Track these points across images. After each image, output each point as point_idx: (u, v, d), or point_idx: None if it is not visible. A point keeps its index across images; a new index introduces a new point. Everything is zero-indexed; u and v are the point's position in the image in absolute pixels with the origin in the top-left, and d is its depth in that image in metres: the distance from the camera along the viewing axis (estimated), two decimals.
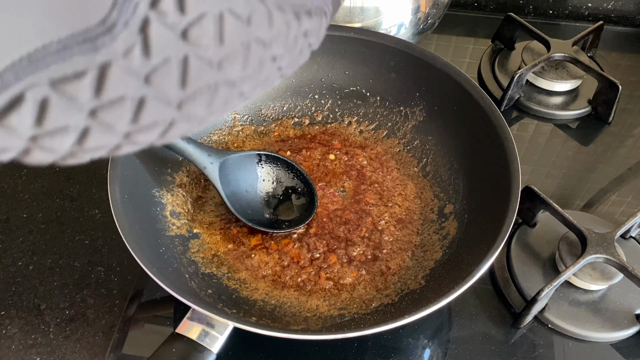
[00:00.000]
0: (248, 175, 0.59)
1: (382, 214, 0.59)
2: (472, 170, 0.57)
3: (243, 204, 0.57)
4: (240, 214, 0.56)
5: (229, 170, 0.56)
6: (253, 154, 0.59)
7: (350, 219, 0.58)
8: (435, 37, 0.82)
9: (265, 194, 0.60)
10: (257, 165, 0.59)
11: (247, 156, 0.58)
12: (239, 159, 0.57)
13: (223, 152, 0.56)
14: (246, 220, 0.55)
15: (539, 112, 0.74)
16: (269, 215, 0.59)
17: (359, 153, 0.65)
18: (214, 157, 0.54)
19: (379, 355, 0.52)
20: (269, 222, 0.58)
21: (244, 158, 0.58)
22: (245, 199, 0.58)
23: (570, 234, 0.56)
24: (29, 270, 0.58)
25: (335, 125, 0.68)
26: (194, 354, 0.42)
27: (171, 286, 0.43)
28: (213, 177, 0.54)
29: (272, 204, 0.60)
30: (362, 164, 0.63)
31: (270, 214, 0.59)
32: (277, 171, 0.60)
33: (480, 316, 0.54)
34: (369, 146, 0.66)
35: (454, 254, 0.53)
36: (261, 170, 0.59)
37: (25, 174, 0.67)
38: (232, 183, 0.56)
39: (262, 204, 0.59)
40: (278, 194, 0.60)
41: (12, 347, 0.53)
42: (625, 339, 0.53)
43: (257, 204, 0.59)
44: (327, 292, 0.54)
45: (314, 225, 0.58)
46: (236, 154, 0.57)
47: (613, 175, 0.68)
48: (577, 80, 0.74)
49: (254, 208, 0.58)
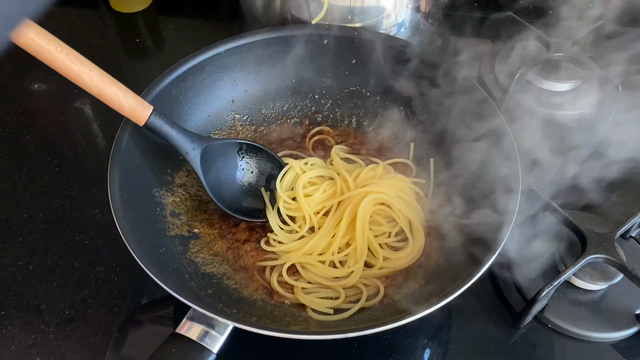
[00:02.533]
0: (229, 163, 0.59)
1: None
2: (472, 170, 0.57)
3: (223, 191, 0.58)
4: (220, 201, 0.56)
5: (211, 157, 0.56)
6: (234, 143, 0.60)
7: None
8: (435, 37, 0.82)
9: (245, 182, 0.60)
10: (237, 154, 0.60)
11: (229, 144, 0.59)
12: (220, 147, 0.58)
13: (206, 138, 0.56)
14: (225, 208, 0.56)
15: (539, 112, 0.74)
16: (248, 204, 0.59)
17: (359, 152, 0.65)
18: (197, 143, 0.55)
19: (379, 355, 0.51)
20: (247, 211, 0.58)
21: (226, 146, 0.59)
22: (226, 187, 0.59)
23: (570, 234, 0.56)
24: (29, 270, 0.58)
25: (335, 125, 0.68)
26: (194, 354, 0.42)
27: (171, 286, 0.43)
28: (194, 163, 0.55)
29: (251, 193, 0.60)
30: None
31: (250, 203, 0.60)
32: (257, 161, 0.61)
33: (480, 316, 0.54)
34: (369, 146, 0.66)
35: (454, 254, 0.53)
36: (241, 159, 0.60)
37: (25, 174, 0.67)
38: (212, 170, 0.57)
39: (242, 192, 0.60)
40: (259, 184, 0.61)
41: (12, 347, 0.53)
42: (625, 339, 0.53)
43: (236, 192, 0.60)
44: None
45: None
46: (218, 142, 0.57)
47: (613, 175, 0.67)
48: (577, 80, 0.74)
49: (234, 196, 0.59)
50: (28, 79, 0.78)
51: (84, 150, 0.70)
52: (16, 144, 0.70)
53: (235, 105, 0.66)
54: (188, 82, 0.60)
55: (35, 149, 0.70)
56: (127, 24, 0.86)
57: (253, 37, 0.63)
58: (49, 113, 0.74)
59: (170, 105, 0.59)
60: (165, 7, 0.88)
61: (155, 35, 0.85)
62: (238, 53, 0.63)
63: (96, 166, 0.67)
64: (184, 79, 0.60)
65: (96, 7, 0.88)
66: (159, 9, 0.88)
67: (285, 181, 0.60)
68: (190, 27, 0.86)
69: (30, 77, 0.78)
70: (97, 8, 0.88)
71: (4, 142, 0.70)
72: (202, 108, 0.63)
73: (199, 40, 0.83)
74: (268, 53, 0.64)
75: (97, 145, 0.70)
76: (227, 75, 0.64)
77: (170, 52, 0.82)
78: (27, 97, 0.76)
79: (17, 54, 0.85)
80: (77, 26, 0.86)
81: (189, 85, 0.61)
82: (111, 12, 0.87)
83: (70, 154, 0.69)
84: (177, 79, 0.59)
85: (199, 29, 0.85)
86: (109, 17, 0.87)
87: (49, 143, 0.70)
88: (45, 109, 0.75)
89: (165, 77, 0.58)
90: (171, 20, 0.87)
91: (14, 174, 0.67)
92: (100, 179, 0.66)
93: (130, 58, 0.82)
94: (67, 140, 0.71)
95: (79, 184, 0.66)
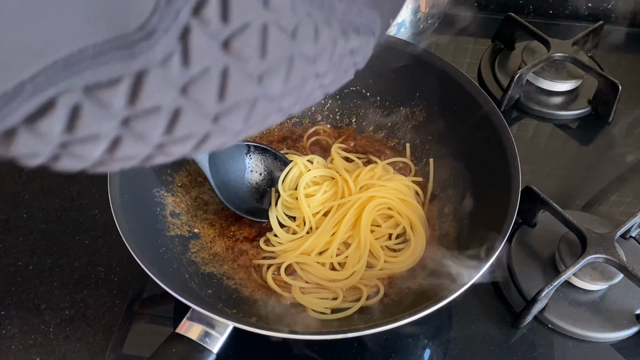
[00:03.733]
0: (237, 165, 0.60)
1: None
2: (472, 171, 0.57)
3: (231, 192, 0.58)
4: (228, 202, 0.56)
5: (219, 159, 0.57)
6: (242, 145, 0.60)
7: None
8: (435, 37, 0.82)
9: (254, 183, 0.61)
10: (245, 155, 0.60)
11: (236, 146, 0.59)
12: (228, 149, 0.58)
13: None
14: (234, 208, 0.56)
15: (539, 112, 0.74)
16: (257, 205, 0.60)
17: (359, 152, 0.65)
18: None
19: (379, 355, 0.51)
20: (256, 212, 0.59)
21: (233, 148, 0.59)
22: (234, 188, 0.59)
23: (570, 234, 0.56)
24: (29, 270, 0.58)
25: (335, 125, 0.68)
26: (194, 354, 0.42)
27: (171, 286, 0.43)
28: (203, 165, 0.55)
29: (260, 194, 0.61)
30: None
31: (257, 203, 0.60)
32: (265, 162, 0.61)
33: (480, 316, 0.54)
34: (369, 145, 0.66)
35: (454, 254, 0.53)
36: (249, 160, 0.61)
37: (25, 174, 0.67)
38: (221, 172, 0.57)
39: (250, 193, 0.60)
40: (266, 185, 0.61)
41: (12, 347, 0.53)
42: (625, 339, 0.53)
43: (245, 194, 0.60)
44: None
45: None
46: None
47: (613, 175, 0.68)
48: (577, 80, 0.74)
49: (242, 197, 0.59)
50: None
51: None
52: None
53: None
54: None
55: None
56: None
57: None
58: None
59: None
60: None
61: None
62: None
63: None
64: None
65: None
66: None
67: (288, 179, 0.60)
68: None
69: None
70: None
71: None
72: None
73: None
74: None
75: None
76: None
77: None
78: None
79: None
80: None
81: None
82: None
83: None
84: None
85: None
86: None
87: None
88: None
89: None
90: None
91: (14, 174, 0.67)
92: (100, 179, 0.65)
93: None
94: None
95: (79, 184, 0.66)
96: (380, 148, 0.65)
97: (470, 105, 0.57)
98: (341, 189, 0.59)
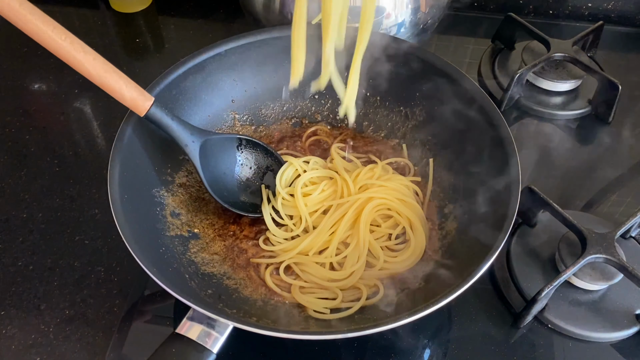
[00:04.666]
0: (227, 157, 0.60)
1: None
2: (472, 171, 0.57)
3: (220, 185, 0.58)
4: (217, 194, 0.56)
5: (210, 151, 0.57)
6: (234, 138, 0.60)
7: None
8: (435, 37, 0.82)
9: (243, 177, 0.61)
10: (236, 149, 0.60)
11: (228, 139, 0.60)
12: (220, 141, 0.58)
13: (205, 132, 0.57)
14: (222, 201, 0.57)
15: (539, 112, 0.74)
16: (245, 199, 0.60)
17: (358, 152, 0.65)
18: (196, 136, 0.55)
19: (379, 355, 0.51)
20: (244, 206, 0.59)
21: (225, 140, 0.59)
22: (223, 181, 0.59)
23: (570, 234, 0.56)
24: (29, 270, 0.58)
25: (335, 125, 0.68)
26: (194, 354, 0.42)
27: (171, 286, 0.43)
28: (193, 156, 0.55)
29: (249, 188, 0.61)
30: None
31: (246, 197, 0.60)
32: (255, 156, 0.61)
33: (480, 316, 0.54)
34: (369, 145, 0.66)
35: (454, 254, 0.53)
36: (240, 154, 0.61)
37: (25, 174, 0.67)
38: (211, 164, 0.57)
39: (240, 187, 0.60)
40: (255, 179, 0.61)
41: (12, 347, 0.53)
42: (625, 339, 0.53)
43: (234, 187, 0.60)
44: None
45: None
46: (217, 136, 0.58)
47: (613, 175, 0.68)
48: (577, 80, 0.74)
49: (231, 190, 0.59)
50: (28, 79, 0.78)
51: (84, 150, 0.70)
52: (16, 144, 0.70)
53: (235, 105, 0.66)
54: (188, 82, 0.60)
55: (35, 149, 0.70)
56: (127, 24, 0.86)
57: (253, 37, 0.63)
58: (49, 113, 0.74)
59: (170, 105, 0.59)
60: (165, 7, 0.88)
61: (155, 35, 0.85)
62: (238, 53, 0.63)
63: (96, 166, 0.67)
64: (184, 78, 0.60)
65: (96, 7, 0.88)
66: (159, 9, 0.88)
67: (284, 178, 0.60)
68: (190, 27, 0.86)
69: (30, 77, 0.78)
70: (97, 8, 0.88)
71: (4, 142, 0.70)
72: (202, 108, 0.63)
73: (199, 40, 0.83)
74: (268, 53, 0.64)
75: (97, 145, 0.70)
76: (227, 75, 0.64)
77: (170, 52, 0.82)
78: (27, 97, 0.76)
79: (18, 54, 0.85)
80: (77, 26, 0.86)
81: (189, 85, 0.61)
82: (111, 12, 0.87)
83: (70, 154, 0.69)
84: (177, 78, 0.59)
85: (199, 29, 0.85)
86: (109, 17, 0.87)
87: (49, 143, 0.70)
88: (45, 109, 0.75)
89: (165, 77, 0.58)
90: (171, 20, 0.87)
91: (14, 174, 0.67)
92: (100, 179, 0.66)
93: (130, 58, 0.82)
94: (67, 140, 0.71)
95: (79, 184, 0.66)
96: (380, 148, 0.65)
97: (471, 105, 0.57)
98: (340, 189, 0.59)
